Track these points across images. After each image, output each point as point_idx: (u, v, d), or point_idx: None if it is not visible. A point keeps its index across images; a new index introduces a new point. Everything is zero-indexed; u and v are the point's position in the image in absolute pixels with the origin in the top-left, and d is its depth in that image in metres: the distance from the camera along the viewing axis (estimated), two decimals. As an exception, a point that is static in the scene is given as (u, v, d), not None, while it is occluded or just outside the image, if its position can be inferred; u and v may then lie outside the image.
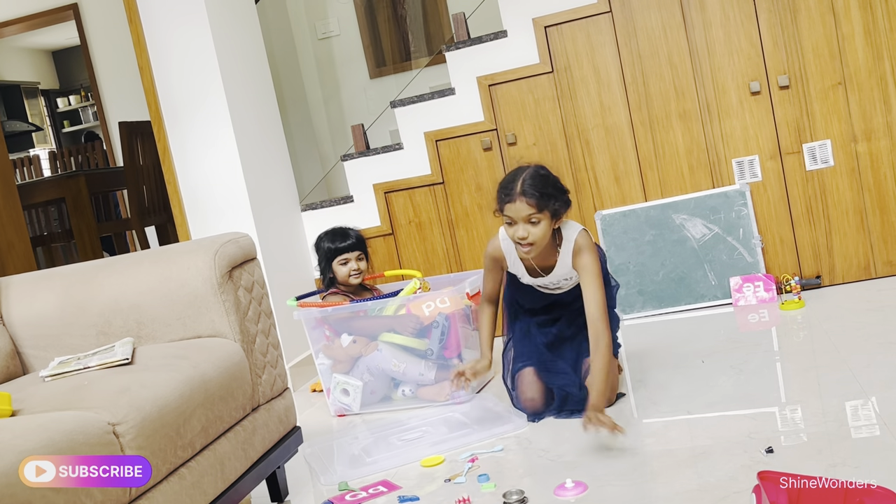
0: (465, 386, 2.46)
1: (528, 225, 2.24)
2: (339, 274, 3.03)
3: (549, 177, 2.28)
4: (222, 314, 2.03)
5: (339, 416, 2.96)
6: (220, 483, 1.84)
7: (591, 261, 2.32)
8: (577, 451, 2.15)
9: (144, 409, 1.62)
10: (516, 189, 2.22)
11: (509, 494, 1.93)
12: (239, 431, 1.96)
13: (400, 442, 2.53)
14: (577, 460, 2.10)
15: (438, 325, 2.81)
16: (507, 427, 2.44)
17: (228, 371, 1.93)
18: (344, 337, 2.93)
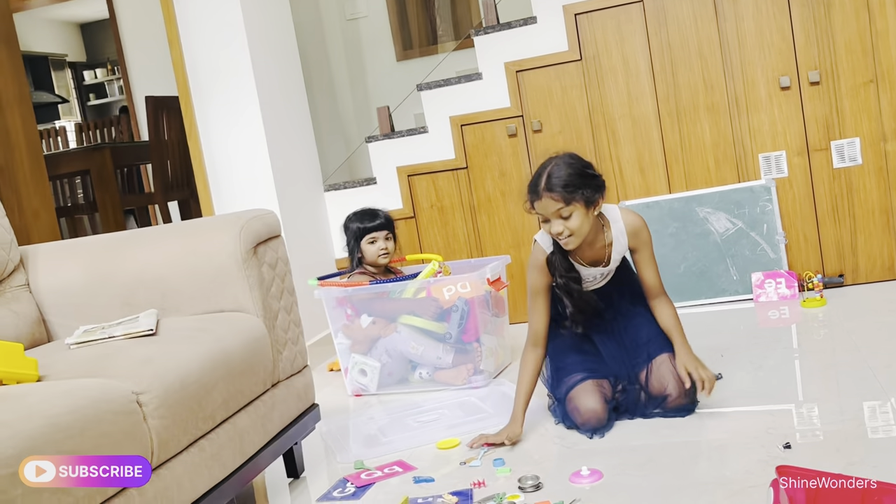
0: (481, 448, 2.21)
1: (561, 220, 2.17)
2: (368, 253, 3.04)
3: (575, 164, 2.19)
4: (246, 290, 2.04)
5: (356, 395, 2.98)
6: (238, 456, 1.86)
7: (649, 236, 2.31)
8: (592, 440, 2.15)
9: (167, 380, 1.64)
10: (541, 185, 2.17)
11: (524, 480, 1.94)
12: (258, 406, 1.98)
13: (416, 423, 2.54)
14: (592, 448, 2.11)
15: (458, 309, 2.82)
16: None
17: (250, 346, 1.95)
18: (364, 317, 2.94)
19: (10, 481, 1.24)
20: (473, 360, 2.85)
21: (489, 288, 2.91)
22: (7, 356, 1.58)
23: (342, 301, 2.99)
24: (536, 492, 1.90)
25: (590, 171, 2.20)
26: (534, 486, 1.92)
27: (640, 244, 2.29)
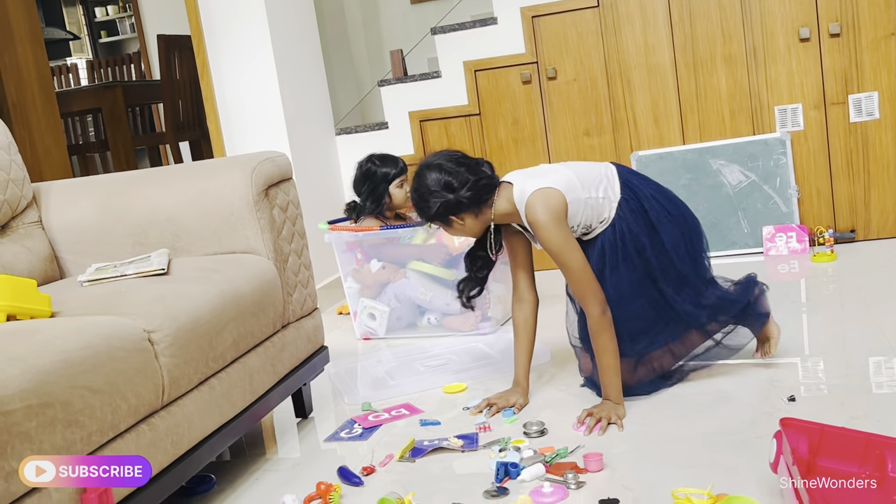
0: (602, 431, 1.91)
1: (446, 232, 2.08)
2: (397, 197, 3.02)
3: (421, 183, 1.99)
4: (257, 231, 2.05)
5: (364, 339, 3.00)
6: (248, 395, 1.89)
7: (547, 218, 1.94)
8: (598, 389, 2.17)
9: (179, 319, 1.65)
10: None
11: (529, 425, 1.96)
12: (268, 347, 2.00)
13: (423, 368, 2.57)
14: (597, 396, 2.12)
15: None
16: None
17: (261, 287, 1.95)
18: (373, 262, 2.95)
19: (25, 414, 1.26)
20: (481, 307, 2.86)
21: (499, 235, 2.91)
22: (21, 292, 1.59)
23: (352, 245, 2.99)
24: (541, 437, 1.92)
25: (437, 189, 1.97)
26: (539, 432, 1.94)
27: (535, 228, 1.96)
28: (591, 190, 2.00)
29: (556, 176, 1.99)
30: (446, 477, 1.78)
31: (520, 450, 1.83)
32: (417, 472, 1.82)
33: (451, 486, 1.73)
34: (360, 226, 3.01)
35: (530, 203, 1.95)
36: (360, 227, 2.99)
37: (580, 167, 2.04)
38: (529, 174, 2.03)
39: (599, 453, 1.73)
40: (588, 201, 1.99)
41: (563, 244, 1.95)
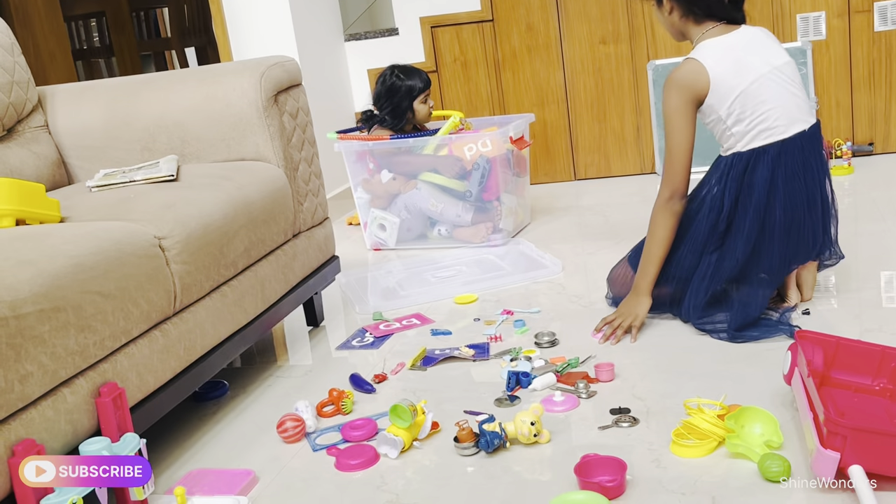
0: (616, 340, 1.91)
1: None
2: (421, 112, 2.96)
3: None
4: (266, 139, 2.01)
5: (374, 249, 3.00)
6: (260, 303, 1.89)
7: (668, 95, 1.87)
8: (599, 299, 2.16)
9: (189, 226, 1.64)
10: None
11: (540, 336, 1.96)
12: (280, 255, 1.99)
13: (434, 279, 2.56)
14: (609, 308, 2.12)
15: (479, 167, 2.78)
16: (541, 272, 2.46)
17: (271, 195, 1.93)
18: (384, 173, 2.91)
19: (38, 318, 1.26)
20: (493, 219, 2.84)
21: (511, 147, 2.86)
22: (29, 196, 1.57)
23: (362, 155, 2.96)
24: (552, 348, 1.93)
25: None
26: (550, 343, 1.94)
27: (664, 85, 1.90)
28: (736, 112, 1.84)
29: (732, 67, 1.83)
30: (458, 385, 1.79)
31: (531, 360, 1.84)
32: (429, 381, 1.83)
33: (462, 394, 1.74)
34: (370, 135, 2.97)
35: (681, 64, 1.86)
36: (371, 136, 2.95)
37: (778, 92, 1.85)
38: (727, 46, 1.85)
39: (611, 363, 1.73)
40: (724, 115, 1.85)
41: (671, 112, 1.85)
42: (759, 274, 1.88)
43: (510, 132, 2.82)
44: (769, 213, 1.85)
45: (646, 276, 1.93)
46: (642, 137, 3.60)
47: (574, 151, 3.70)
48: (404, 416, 1.53)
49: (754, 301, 1.86)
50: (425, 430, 1.56)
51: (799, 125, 1.86)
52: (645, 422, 1.52)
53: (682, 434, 1.41)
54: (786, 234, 1.85)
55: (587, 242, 2.77)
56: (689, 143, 1.86)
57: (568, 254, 2.64)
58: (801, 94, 1.88)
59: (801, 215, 1.86)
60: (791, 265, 1.91)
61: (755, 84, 1.83)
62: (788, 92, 1.85)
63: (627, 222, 2.90)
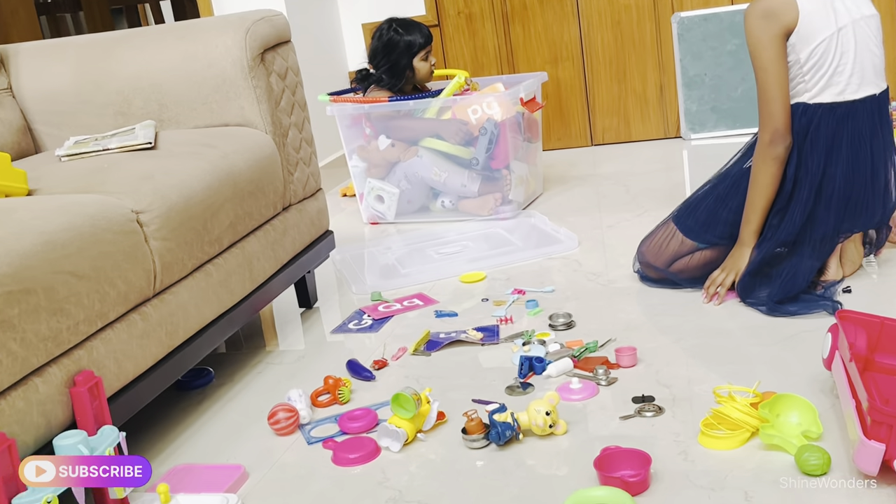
0: (720, 300, 1.95)
1: None
2: (422, 71, 2.95)
3: None
4: (253, 101, 2.01)
5: (371, 223, 3.00)
6: (247, 283, 1.89)
7: (749, 33, 1.87)
8: (630, 277, 2.17)
9: (170, 199, 1.64)
10: None
11: (555, 317, 1.97)
12: (269, 231, 1.99)
13: (437, 255, 2.57)
14: (629, 287, 2.13)
15: (486, 132, 2.78)
16: (555, 247, 2.47)
17: (259, 164, 1.93)
18: (381, 139, 2.91)
19: (6, 301, 1.26)
20: (501, 189, 2.84)
21: (522, 109, 2.85)
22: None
23: (358, 119, 2.95)
24: (568, 330, 1.93)
25: None
26: (565, 325, 1.95)
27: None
28: (816, 59, 1.83)
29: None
30: (465, 372, 1.80)
31: (545, 343, 1.84)
32: (433, 367, 1.84)
33: (470, 381, 1.75)
34: (366, 97, 2.96)
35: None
36: (367, 97, 2.94)
37: (859, 46, 1.84)
38: None
39: (633, 347, 1.74)
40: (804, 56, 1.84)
41: (760, 45, 1.83)
42: (811, 242, 1.89)
43: (520, 93, 2.81)
44: (828, 178, 1.87)
45: (749, 224, 1.94)
46: (666, 98, 3.58)
47: (591, 114, 3.69)
48: (407, 405, 1.54)
49: (801, 272, 1.88)
50: (430, 420, 1.57)
51: (870, 88, 1.86)
52: (671, 411, 1.53)
53: (711, 424, 1.42)
54: (844, 203, 1.87)
55: (606, 214, 2.77)
56: (783, 76, 1.84)
57: (585, 227, 2.64)
58: (879, 52, 1.88)
59: (863, 186, 1.87)
60: (841, 236, 1.93)
61: (842, 32, 1.82)
62: (868, 49, 1.85)
63: (650, 192, 2.90)
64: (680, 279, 2.05)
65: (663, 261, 2.06)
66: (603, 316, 1.98)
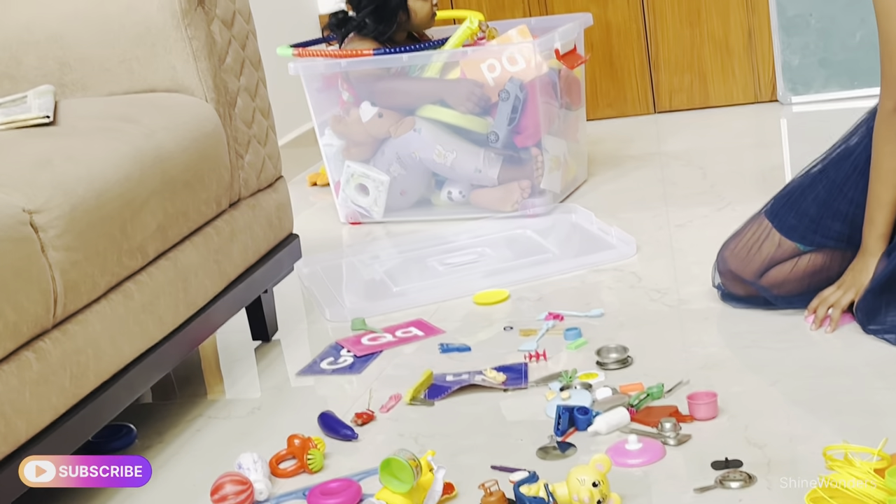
0: (832, 326, 1.96)
1: None
2: (420, 13, 2.96)
3: None
4: (188, 58, 2.02)
5: (351, 223, 3.02)
6: (181, 307, 1.90)
7: None
8: (708, 295, 2.18)
9: (75, 194, 1.65)
10: None
11: (605, 352, 1.98)
12: (210, 236, 2.00)
13: (443, 267, 2.58)
14: (707, 308, 2.13)
15: (508, 96, 2.79)
16: (605, 254, 2.48)
17: (197, 144, 1.94)
18: (365, 107, 2.92)
19: None
20: (530, 175, 2.85)
21: (557, 64, 2.86)
22: None
23: (332, 80, 2.97)
24: (624, 369, 1.94)
25: None
26: (619, 362, 1.95)
27: None
28: None
29: None
30: (482, 428, 1.81)
31: (591, 388, 1.85)
32: (438, 421, 1.85)
33: (489, 440, 1.76)
34: (344, 49, 2.96)
35: None
36: (344, 50, 2.94)
37: None
38: None
39: (712, 393, 1.74)
40: None
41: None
42: None
43: (555, 42, 2.82)
44: None
45: (873, 226, 1.94)
46: (757, 47, 3.59)
47: (653, 70, 3.70)
48: (402, 474, 1.54)
49: None
50: (434, 495, 1.57)
51: None
52: (764, 479, 1.53)
53: (821, 499, 1.42)
54: None
55: (674, 209, 2.78)
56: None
57: (645, 226, 2.64)
58: None
59: None
60: None
61: None
62: None
63: (735, 177, 2.91)
64: (776, 296, 2.04)
65: (753, 271, 2.05)
66: (671, 349, 1.99)
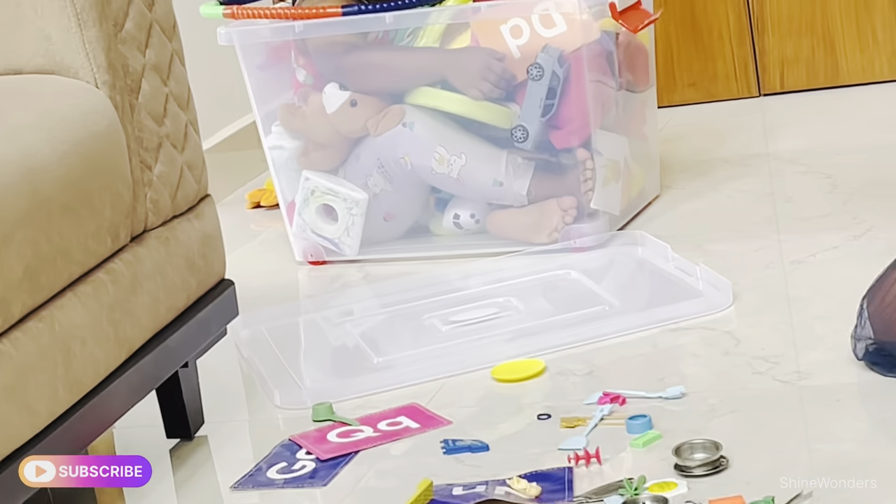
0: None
1: None
2: None
3: None
4: (68, 22, 2.03)
5: (312, 262, 3.04)
6: (61, 390, 1.90)
7: None
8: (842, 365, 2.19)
9: None
10: None
11: (689, 451, 1.98)
12: (104, 284, 2.01)
13: (447, 327, 2.60)
14: (841, 385, 2.14)
15: (542, 73, 2.80)
16: (686, 306, 2.49)
17: (82, 150, 1.95)
18: (331, 91, 2.93)
19: None
20: (575, 190, 2.87)
21: (614, 25, 2.88)
22: None
23: (282, 51, 2.98)
24: (715, 476, 1.95)
25: None
26: (710, 466, 1.96)
27: None
28: None
29: None
30: (506, 565, 1.81)
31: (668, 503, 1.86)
32: (441, 556, 1.86)
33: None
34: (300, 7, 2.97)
35: None
36: (302, 8, 2.95)
37: None
38: None
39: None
40: None
41: None
42: None
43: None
44: None
45: None
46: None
47: (756, 33, 3.72)
48: None
49: None
50: None
51: None
52: None
53: None
54: None
55: (789, 237, 2.79)
56: None
57: (746, 264, 2.66)
58: None
59: None
60: None
61: None
62: None
63: (879, 188, 2.92)
64: None
65: None
66: (785, 446, 1.99)
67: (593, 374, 2.32)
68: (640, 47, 3.03)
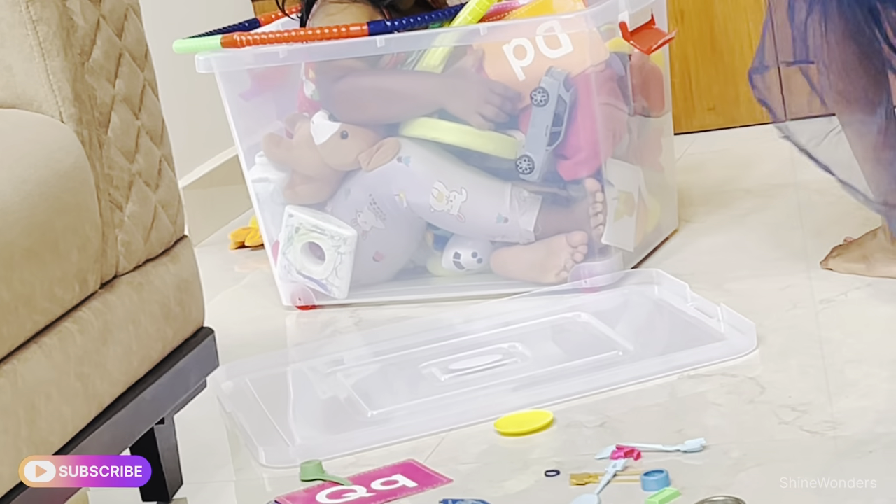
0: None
1: None
2: None
3: None
4: (31, 52, 2.04)
5: (300, 307, 3.04)
6: (27, 451, 1.90)
7: None
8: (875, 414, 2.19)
9: None
10: None
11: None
12: (71, 335, 2.01)
13: (447, 376, 2.60)
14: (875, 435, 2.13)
15: (547, 98, 2.81)
16: (707, 351, 2.49)
17: (46, 190, 1.95)
18: (319, 121, 2.94)
19: None
20: (585, 225, 2.87)
21: (626, 46, 2.89)
22: None
23: (267, 78, 2.99)
24: (741, 539, 1.95)
25: None
26: (734, 526, 1.96)
27: None
28: None
29: None
30: None
31: (687, 570, 1.86)
32: None
33: None
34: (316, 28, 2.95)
35: None
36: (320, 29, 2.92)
37: None
38: None
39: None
40: None
41: None
42: None
43: (620, 11, 2.85)
44: None
45: None
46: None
47: (780, 53, 3.73)
48: None
49: None
50: None
51: None
52: None
53: None
54: None
55: (819, 275, 2.79)
56: None
57: (772, 304, 2.66)
58: None
59: None
60: None
61: None
62: None
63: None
64: None
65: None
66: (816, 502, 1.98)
67: (606, 425, 2.32)
68: (655, 70, 3.04)
